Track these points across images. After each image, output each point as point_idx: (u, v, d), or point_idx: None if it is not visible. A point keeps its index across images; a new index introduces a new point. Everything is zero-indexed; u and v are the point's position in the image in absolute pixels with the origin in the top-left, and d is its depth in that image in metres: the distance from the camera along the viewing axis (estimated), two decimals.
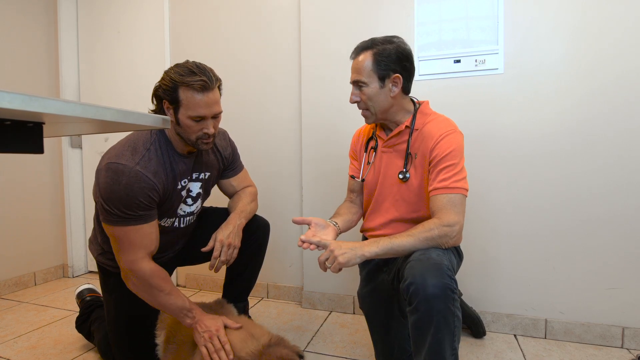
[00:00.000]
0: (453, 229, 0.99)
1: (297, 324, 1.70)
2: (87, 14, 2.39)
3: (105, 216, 1.08)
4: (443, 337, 0.86)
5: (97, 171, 1.09)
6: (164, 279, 1.11)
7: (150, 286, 1.09)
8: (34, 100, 0.42)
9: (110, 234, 1.10)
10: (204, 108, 1.09)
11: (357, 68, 1.12)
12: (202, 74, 1.07)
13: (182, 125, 1.11)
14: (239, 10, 2.00)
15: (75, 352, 1.47)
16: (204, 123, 1.11)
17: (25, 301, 2.03)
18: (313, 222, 1.15)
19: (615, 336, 1.45)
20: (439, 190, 1.04)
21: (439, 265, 0.89)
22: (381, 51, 1.09)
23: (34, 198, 2.29)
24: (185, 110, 1.09)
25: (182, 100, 1.08)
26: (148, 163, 1.09)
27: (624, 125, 1.42)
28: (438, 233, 0.98)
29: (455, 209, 1.01)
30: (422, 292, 0.85)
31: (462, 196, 1.03)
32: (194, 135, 1.12)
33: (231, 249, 1.21)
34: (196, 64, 1.10)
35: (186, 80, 1.06)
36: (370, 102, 1.12)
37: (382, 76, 1.09)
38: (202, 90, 1.07)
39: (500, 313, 1.59)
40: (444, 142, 1.07)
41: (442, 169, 1.05)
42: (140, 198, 1.06)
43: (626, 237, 1.43)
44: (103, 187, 1.05)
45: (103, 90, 2.37)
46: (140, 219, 1.08)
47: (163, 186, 1.12)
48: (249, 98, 2.00)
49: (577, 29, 1.46)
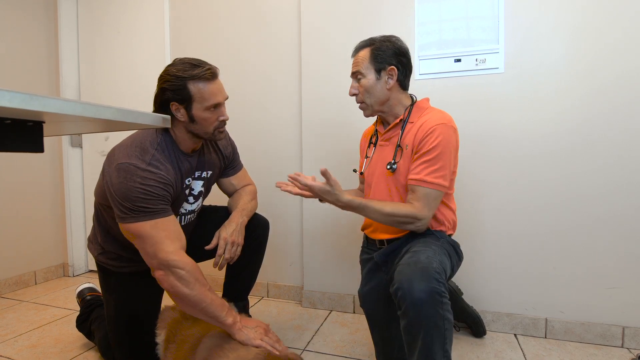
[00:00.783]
0: (421, 222, 1.06)
1: (297, 323, 1.70)
2: (88, 13, 2.39)
3: (125, 215, 1.02)
4: (433, 341, 0.87)
5: (107, 174, 1.06)
6: (202, 274, 1.06)
7: (196, 279, 1.02)
8: (34, 99, 0.42)
9: (136, 234, 1.03)
10: (218, 95, 1.12)
11: (356, 62, 1.19)
12: (204, 65, 1.09)
13: (197, 120, 1.11)
14: (239, 10, 2.00)
15: (76, 351, 1.47)
16: (219, 110, 1.14)
17: (25, 300, 2.03)
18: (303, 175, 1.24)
19: (616, 336, 1.45)
20: (418, 182, 1.07)
21: (426, 269, 0.90)
22: (379, 46, 1.16)
23: (34, 197, 2.29)
24: (200, 103, 1.09)
25: (194, 94, 1.08)
26: (159, 162, 1.08)
27: (624, 125, 1.42)
28: (405, 220, 1.06)
29: (430, 205, 1.06)
30: (409, 297, 0.86)
31: (439, 192, 1.07)
32: (211, 126, 1.14)
33: (235, 246, 1.21)
34: (190, 59, 1.11)
35: (194, 73, 1.07)
36: (367, 93, 1.18)
37: (379, 68, 1.16)
38: (212, 78, 1.10)
39: (500, 312, 1.59)
40: (432, 134, 1.08)
41: (424, 161, 1.07)
42: (158, 192, 1.04)
43: (626, 236, 1.43)
44: (117, 187, 1.02)
45: (103, 89, 2.37)
46: (164, 212, 1.05)
47: (175, 183, 1.12)
48: (249, 97, 2.00)
49: (578, 29, 1.46)
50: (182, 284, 1.01)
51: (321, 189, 1.04)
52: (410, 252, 0.99)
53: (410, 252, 0.99)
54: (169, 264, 1.01)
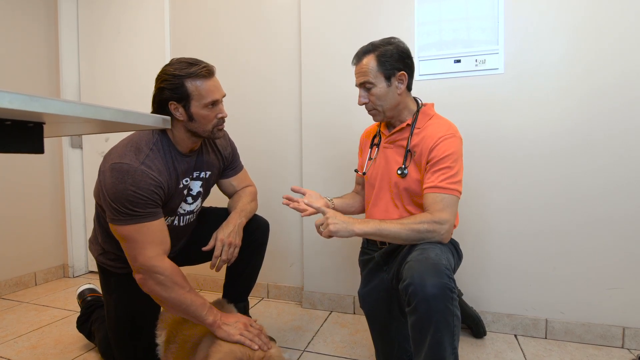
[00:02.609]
0: (443, 226, 1.02)
1: (297, 324, 1.70)
2: (88, 14, 2.39)
3: (114, 216, 1.06)
4: (443, 337, 0.86)
5: (101, 173, 1.09)
6: (183, 276, 1.09)
7: (174, 283, 1.06)
8: (35, 100, 0.42)
9: (122, 236, 1.07)
10: (216, 92, 1.13)
11: (362, 71, 1.15)
12: (200, 63, 1.11)
13: (196, 118, 1.12)
14: (239, 11, 2.00)
15: (76, 352, 1.47)
16: (217, 108, 1.15)
17: (25, 301, 2.03)
18: (308, 192, 1.25)
19: (616, 336, 1.45)
20: (434, 189, 1.06)
21: (437, 265, 0.90)
22: (383, 52, 1.13)
23: (34, 198, 2.29)
24: (198, 100, 1.10)
25: (192, 92, 1.09)
26: (152, 162, 1.09)
27: (624, 125, 1.42)
28: (427, 227, 1.01)
29: (448, 209, 1.04)
30: (421, 292, 0.85)
31: (456, 198, 1.06)
32: (210, 124, 1.15)
33: (232, 248, 1.21)
34: (186, 58, 1.12)
35: (190, 71, 1.08)
36: (379, 101, 1.16)
37: (388, 75, 1.14)
38: (209, 76, 1.11)
39: (500, 313, 1.59)
40: (443, 144, 1.08)
41: (439, 169, 1.07)
42: (147, 195, 1.05)
43: (627, 237, 1.43)
44: (109, 187, 1.04)
45: (103, 89, 2.37)
46: (150, 215, 1.07)
47: (167, 185, 1.12)
48: (249, 98, 2.00)
49: (577, 29, 1.46)
50: (160, 288, 1.06)
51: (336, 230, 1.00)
52: (418, 249, 0.99)
53: (418, 249, 0.99)
54: (149, 268, 1.05)
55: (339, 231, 1.01)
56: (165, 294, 1.06)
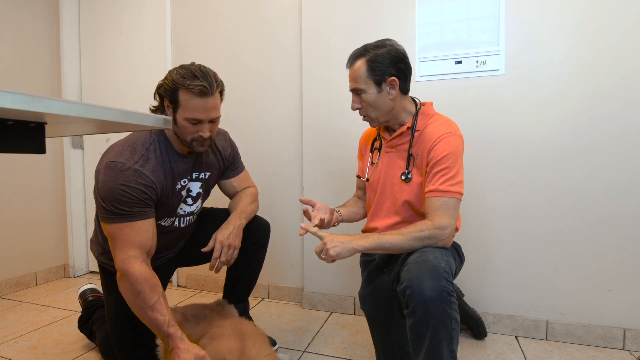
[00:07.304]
0: (444, 232, 1.01)
1: (297, 325, 1.70)
2: (89, 14, 2.40)
3: (102, 214, 1.08)
4: (441, 340, 0.86)
5: (97, 171, 1.11)
6: (152, 287, 1.04)
7: (137, 293, 1.02)
8: (36, 100, 0.42)
9: (107, 233, 1.10)
10: (200, 112, 1.10)
11: (353, 76, 1.14)
12: (203, 79, 1.07)
13: (179, 125, 1.13)
14: (240, 11, 2.00)
15: (77, 352, 1.47)
16: (199, 126, 1.12)
17: (26, 301, 2.03)
18: (317, 205, 1.21)
19: (617, 338, 1.45)
20: (434, 192, 1.05)
21: (435, 267, 0.89)
22: (374, 57, 1.10)
23: (35, 198, 2.29)
24: (183, 111, 1.10)
25: (181, 101, 1.09)
26: (146, 162, 1.10)
27: (626, 126, 1.42)
28: (428, 234, 1.00)
29: (448, 213, 1.02)
30: (419, 295, 0.85)
31: (456, 200, 1.04)
32: (189, 136, 1.13)
33: (231, 249, 1.21)
34: (200, 68, 1.11)
35: (186, 83, 1.07)
36: (371, 107, 1.14)
37: (378, 81, 1.10)
38: (201, 95, 1.08)
39: (501, 314, 1.58)
40: (441, 144, 1.07)
41: (438, 171, 1.06)
42: (136, 195, 1.06)
43: (627, 238, 1.43)
44: (101, 186, 1.06)
45: (104, 90, 2.38)
46: (135, 215, 1.07)
47: (161, 185, 1.13)
48: (250, 99, 2.00)
49: (578, 30, 1.46)
50: (126, 293, 1.06)
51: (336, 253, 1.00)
52: (418, 252, 0.98)
53: (418, 252, 0.98)
54: (119, 270, 1.06)
55: (340, 253, 1.00)
56: (130, 300, 1.05)
